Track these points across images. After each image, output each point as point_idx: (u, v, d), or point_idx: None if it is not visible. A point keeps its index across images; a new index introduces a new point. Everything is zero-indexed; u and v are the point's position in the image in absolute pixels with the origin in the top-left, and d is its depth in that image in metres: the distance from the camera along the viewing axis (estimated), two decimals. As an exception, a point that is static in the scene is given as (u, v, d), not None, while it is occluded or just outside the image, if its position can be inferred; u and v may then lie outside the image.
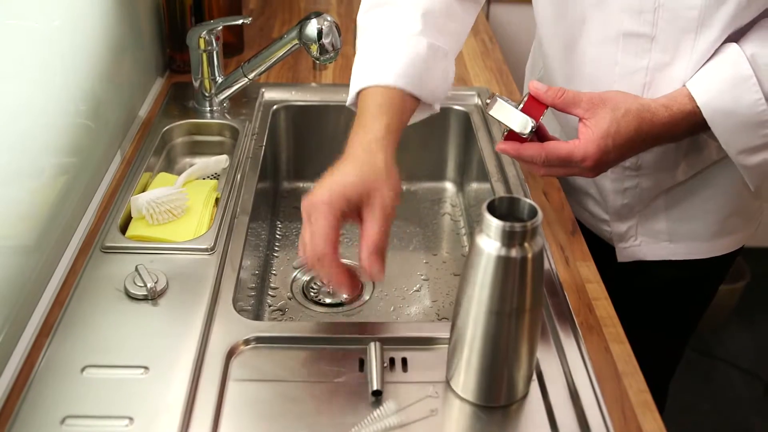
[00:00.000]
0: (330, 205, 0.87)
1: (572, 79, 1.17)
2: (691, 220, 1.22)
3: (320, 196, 0.87)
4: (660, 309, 1.36)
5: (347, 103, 1.06)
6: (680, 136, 1.04)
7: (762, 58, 0.98)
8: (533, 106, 0.99)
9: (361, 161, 0.91)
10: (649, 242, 1.26)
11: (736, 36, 1.02)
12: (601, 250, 1.25)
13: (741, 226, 1.25)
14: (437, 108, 1.10)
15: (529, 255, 0.75)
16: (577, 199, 1.30)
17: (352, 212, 0.89)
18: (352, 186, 0.88)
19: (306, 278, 1.28)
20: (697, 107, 1.00)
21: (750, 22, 1.01)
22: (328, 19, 1.20)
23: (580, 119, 0.99)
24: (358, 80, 1.02)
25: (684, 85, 1.02)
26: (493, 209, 0.76)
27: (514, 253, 0.74)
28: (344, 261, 0.90)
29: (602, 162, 0.98)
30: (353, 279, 0.89)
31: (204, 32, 1.32)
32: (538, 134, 1.03)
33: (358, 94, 1.02)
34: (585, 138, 0.97)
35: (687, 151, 1.14)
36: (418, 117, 1.08)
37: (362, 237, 0.88)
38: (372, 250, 0.87)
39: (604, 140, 0.97)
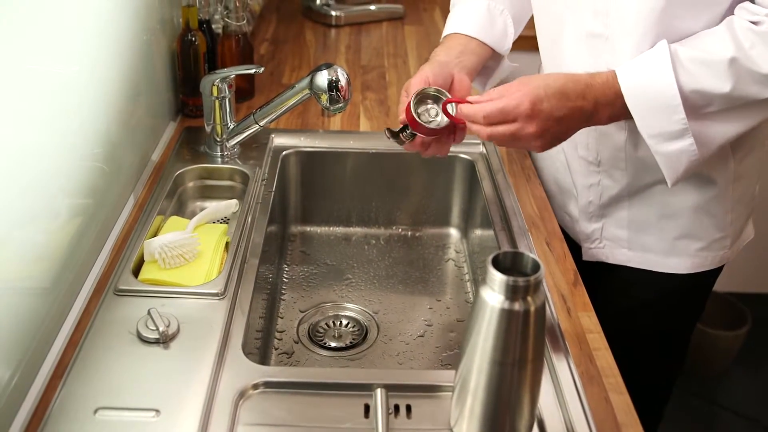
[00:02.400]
0: (421, 83, 1.17)
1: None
2: (648, 232, 1.32)
3: (415, 80, 1.18)
4: (636, 325, 1.42)
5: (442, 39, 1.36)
6: (605, 107, 1.10)
7: (682, 52, 1.07)
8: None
9: (441, 63, 1.23)
10: (612, 246, 1.37)
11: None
12: (576, 250, 1.38)
13: (696, 251, 1.31)
14: (507, 62, 1.38)
15: (532, 308, 0.77)
16: (561, 202, 1.43)
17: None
18: (436, 74, 1.18)
19: (312, 322, 1.30)
20: (615, 76, 1.09)
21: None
22: (339, 70, 1.24)
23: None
24: (450, 26, 1.34)
25: None
26: (497, 263, 0.78)
27: (517, 306, 0.77)
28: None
29: (539, 110, 1.05)
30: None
31: (217, 80, 1.35)
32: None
33: (446, 36, 1.33)
34: (519, 92, 1.06)
35: (632, 150, 1.24)
36: (499, 74, 1.40)
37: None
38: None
39: (536, 90, 1.06)
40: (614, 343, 1.05)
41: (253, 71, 1.35)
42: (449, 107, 1.14)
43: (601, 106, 1.09)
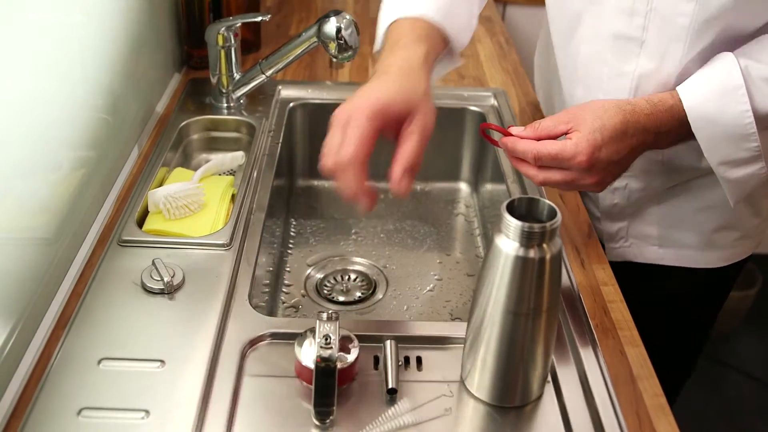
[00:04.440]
0: (372, 115, 0.86)
1: (568, 75, 1.19)
2: (681, 228, 1.22)
3: (362, 105, 0.87)
4: (662, 315, 1.35)
5: (377, 46, 1.08)
6: (667, 135, 1.01)
7: (755, 70, 0.96)
8: None
9: (405, 80, 0.91)
10: (639, 244, 1.27)
11: (733, 47, 1.00)
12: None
13: (733, 241, 1.24)
14: (458, 59, 1.14)
15: (548, 256, 0.75)
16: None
17: (388, 129, 0.90)
18: (395, 103, 0.88)
19: (320, 276, 1.28)
20: (679, 102, 0.99)
21: (749, 36, 1.01)
22: (347, 17, 1.20)
23: (567, 133, 0.98)
24: (392, 12, 1.05)
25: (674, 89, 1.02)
26: (512, 209, 0.76)
27: (532, 253, 0.74)
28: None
29: (597, 159, 0.95)
30: (372, 196, 0.89)
31: (223, 29, 1.32)
32: None
33: (390, 26, 1.04)
34: (574, 137, 0.96)
35: (670, 155, 1.14)
36: (442, 69, 1.13)
37: (398, 153, 0.89)
38: (406, 168, 0.88)
39: (592, 135, 0.95)
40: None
41: (259, 19, 1.32)
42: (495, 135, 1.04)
43: (662, 135, 1.00)
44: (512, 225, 0.74)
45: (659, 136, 1.00)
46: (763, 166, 1.01)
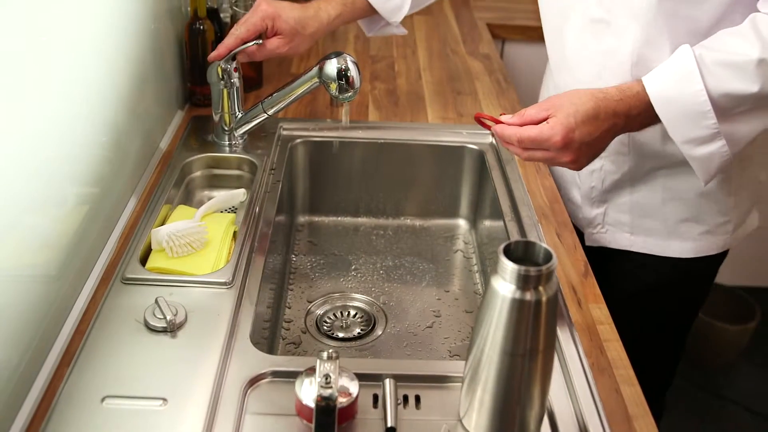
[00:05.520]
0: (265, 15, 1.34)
1: (556, 64, 1.34)
2: (650, 216, 1.34)
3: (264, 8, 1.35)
4: (638, 306, 1.43)
5: None
6: (636, 118, 1.12)
7: (707, 57, 1.08)
8: None
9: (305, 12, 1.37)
10: (614, 231, 1.39)
11: (692, 41, 1.12)
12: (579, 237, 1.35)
13: (698, 234, 1.32)
14: (396, 28, 1.51)
15: (544, 298, 0.76)
16: (564, 189, 1.44)
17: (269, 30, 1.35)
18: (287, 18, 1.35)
19: (320, 312, 1.30)
20: (644, 88, 1.10)
21: (709, 32, 1.12)
22: (348, 58, 1.23)
23: (547, 119, 1.09)
24: None
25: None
26: (508, 252, 0.77)
27: (528, 296, 0.76)
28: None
29: (570, 140, 1.06)
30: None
31: (221, 62, 1.33)
32: None
33: None
34: (551, 121, 1.08)
35: (637, 138, 1.27)
36: (386, 31, 1.53)
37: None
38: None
39: (567, 119, 1.07)
40: (617, 329, 1.05)
41: (252, 44, 1.33)
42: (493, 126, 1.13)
43: (632, 117, 1.11)
44: (509, 268, 0.76)
45: (629, 119, 1.11)
46: (724, 145, 1.10)
